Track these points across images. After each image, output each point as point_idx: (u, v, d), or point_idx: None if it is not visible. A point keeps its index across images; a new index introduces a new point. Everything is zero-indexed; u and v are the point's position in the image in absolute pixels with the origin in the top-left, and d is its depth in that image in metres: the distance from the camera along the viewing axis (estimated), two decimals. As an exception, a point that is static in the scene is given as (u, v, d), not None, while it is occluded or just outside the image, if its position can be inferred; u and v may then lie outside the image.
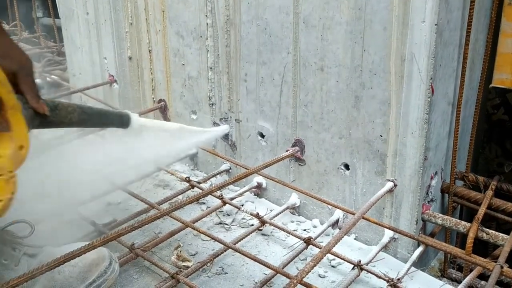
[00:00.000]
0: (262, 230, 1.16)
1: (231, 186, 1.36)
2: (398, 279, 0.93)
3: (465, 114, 1.22)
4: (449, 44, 1.01)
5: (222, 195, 1.20)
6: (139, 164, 1.24)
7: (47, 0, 2.46)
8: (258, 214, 1.14)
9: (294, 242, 1.07)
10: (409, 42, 0.95)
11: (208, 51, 1.34)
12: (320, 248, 0.99)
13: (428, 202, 1.11)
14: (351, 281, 0.94)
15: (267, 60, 1.20)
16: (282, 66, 1.18)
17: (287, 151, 1.21)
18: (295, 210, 1.26)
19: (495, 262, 0.91)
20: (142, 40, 1.53)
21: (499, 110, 1.51)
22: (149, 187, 1.38)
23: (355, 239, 1.16)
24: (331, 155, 1.15)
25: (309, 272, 0.83)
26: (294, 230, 1.16)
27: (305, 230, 1.20)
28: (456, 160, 1.15)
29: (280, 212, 1.21)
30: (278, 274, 0.95)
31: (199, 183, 1.28)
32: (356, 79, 1.05)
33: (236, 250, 1.01)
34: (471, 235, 1.01)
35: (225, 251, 1.03)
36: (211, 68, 1.35)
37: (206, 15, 1.30)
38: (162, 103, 1.54)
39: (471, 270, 0.97)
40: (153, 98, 1.57)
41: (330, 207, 1.18)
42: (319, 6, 1.06)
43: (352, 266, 0.98)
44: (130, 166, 1.21)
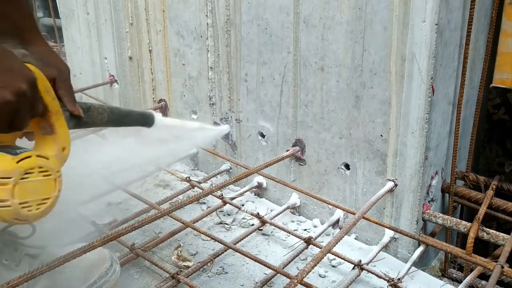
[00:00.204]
0: (262, 230, 1.16)
1: (232, 186, 1.36)
2: (399, 279, 0.93)
3: (465, 114, 1.22)
4: (449, 44, 1.01)
5: (222, 195, 1.20)
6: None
7: (48, 0, 2.46)
8: (258, 214, 1.14)
9: (295, 242, 1.07)
10: (409, 42, 0.95)
11: (208, 51, 1.34)
12: (320, 248, 0.99)
13: (429, 202, 1.11)
14: (351, 281, 0.94)
15: (268, 60, 1.20)
16: (283, 66, 1.18)
17: (287, 151, 1.21)
18: (295, 210, 1.26)
19: (496, 262, 0.91)
20: (143, 40, 1.53)
21: (499, 110, 1.51)
22: (149, 187, 1.38)
23: (355, 239, 1.16)
24: (332, 155, 1.15)
25: (309, 272, 0.83)
26: (295, 230, 1.16)
27: (305, 230, 1.20)
28: (457, 160, 1.15)
29: (280, 212, 1.21)
30: (279, 274, 0.95)
31: (200, 183, 1.28)
32: (357, 79, 1.05)
33: (236, 250, 1.01)
34: (472, 235, 1.01)
35: (225, 251, 1.03)
36: (211, 68, 1.35)
37: (207, 15, 1.30)
38: (162, 103, 1.54)
39: (472, 270, 0.97)
40: (153, 98, 1.57)
41: (331, 207, 1.18)
42: (320, 6, 1.06)
43: (352, 266, 0.98)
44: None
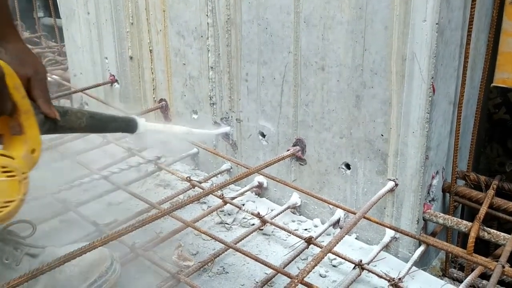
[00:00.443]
0: (263, 229, 1.16)
1: (232, 186, 1.36)
2: (399, 279, 0.93)
3: (466, 114, 1.22)
4: (450, 43, 1.01)
5: (223, 195, 1.20)
6: None
7: (48, 0, 2.46)
8: (259, 213, 1.14)
9: (295, 241, 1.07)
10: (410, 42, 0.95)
11: (209, 50, 1.34)
12: (321, 248, 0.99)
13: (429, 201, 1.11)
14: (352, 280, 0.94)
15: (268, 60, 1.20)
16: (283, 66, 1.17)
17: (288, 150, 1.21)
18: (296, 209, 1.26)
19: (497, 261, 0.91)
20: (143, 40, 1.53)
21: (500, 109, 1.51)
22: (150, 187, 1.38)
23: (356, 238, 1.16)
24: (332, 154, 1.15)
25: (310, 271, 0.83)
26: (295, 230, 1.15)
27: (306, 229, 1.19)
28: (458, 160, 1.15)
29: (281, 212, 1.21)
30: (279, 274, 0.95)
31: (200, 182, 1.28)
32: (357, 79, 1.05)
33: (237, 250, 1.01)
34: (473, 234, 1.01)
35: (226, 250, 1.03)
36: (212, 67, 1.35)
37: (207, 15, 1.30)
38: (163, 102, 1.54)
39: (473, 270, 0.97)
40: (154, 98, 1.57)
41: (331, 206, 1.18)
42: (320, 6, 1.06)
43: (353, 265, 0.98)
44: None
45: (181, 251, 1.04)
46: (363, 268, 0.97)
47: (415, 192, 1.04)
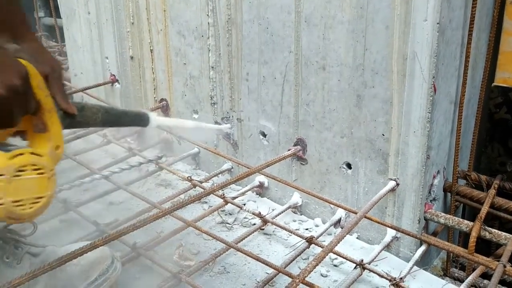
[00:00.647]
0: (264, 229, 1.16)
1: (233, 185, 1.36)
2: (401, 278, 0.93)
3: (467, 113, 1.21)
4: (451, 42, 1.01)
5: (224, 194, 1.20)
6: None
7: (49, 0, 2.46)
8: (260, 213, 1.14)
9: (296, 241, 1.07)
10: (411, 41, 0.95)
11: (209, 50, 1.34)
12: (322, 247, 0.99)
13: (431, 201, 1.11)
14: (353, 280, 0.94)
15: (269, 59, 1.20)
16: (284, 65, 1.17)
17: (289, 150, 1.21)
18: (297, 209, 1.26)
19: (498, 261, 0.91)
20: (144, 39, 1.53)
21: (501, 109, 1.51)
22: (150, 187, 1.38)
23: (357, 238, 1.16)
24: (333, 154, 1.15)
25: (311, 271, 0.83)
26: (296, 229, 1.15)
27: (307, 229, 1.19)
28: (459, 159, 1.15)
29: (282, 211, 1.21)
30: (280, 274, 0.95)
31: (201, 182, 1.28)
32: (358, 78, 1.05)
33: (238, 250, 1.01)
34: (474, 234, 1.01)
35: (227, 250, 1.03)
36: (212, 67, 1.35)
37: (208, 15, 1.30)
38: (163, 102, 1.54)
39: (474, 269, 0.97)
40: (154, 98, 1.57)
41: (332, 206, 1.18)
42: (321, 5, 1.06)
43: (354, 265, 0.98)
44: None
45: (182, 250, 1.04)
46: (364, 268, 0.97)
47: (416, 192, 1.04)
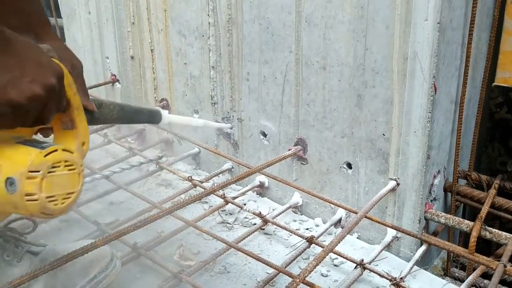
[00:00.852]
0: (264, 229, 1.16)
1: (234, 185, 1.36)
2: (401, 278, 0.93)
3: (468, 113, 1.21)
4: (451, 42, 1.01)
5: (224, 194, 1.20)
6: None
7: (49, 0, 2.46)
8: (260, 213, 1.14)
9: (297, 241, 1.07)
10: (411, 41, 0.95)
11: (210, 50, 1.34)
12: (322, 247, 0.99)
13: (431, 201, 1.11)
14: (353, 280, 0.94)
15: (269, 59, 1.20)
16: (284, 65, 1.17)
17: (289, 150, 1.21)
18: (297, 209, 1.26)
19: (498, 261, 0.91)
20: (144, 39, 1.53)
21: (502, 108, 1.51)
22: (151, 186, 1.38)
23: (357, 238, 1.16)
24: (334, 154, 1.15)
25: (311, 271, 0.83)
26: (297, 229, 1.15)
27: (307, 229, 1.19)
28: (459, 159, 1.15)
29: (282, 211, 1.21)
30: (281, 273, 0.95)
31: (202, 182, 1.28)
32: (359, 78, 1.05)
33: (238, 249, 1.01)
34: (474, 234, 1.01)
35: (227, 250, 1.03)
36: (213, 67, 1.35)
37: (208, 14, 1.30)
38: (164, 102, 1.53)
39: (474, 269, 0.97)
40: (155, 97, 1.57)
41: (333, 206, 1.18)
42: (322, 5, 1.06)
43: (354, 265, 0.98)
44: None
45: (182, 250, 1.04)
46: (364, 268, 0.97)
47: (416, 192, 1.04)
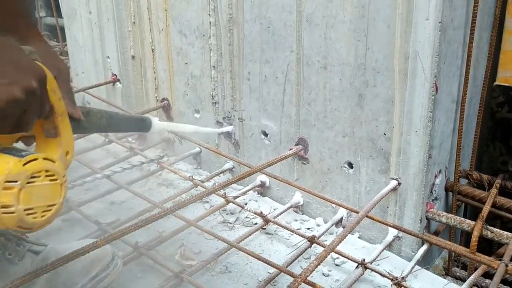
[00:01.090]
0: (265, 228, 1.16)
1: (235, 185, 1.36)
2: (402, 278, 0.93)
3: (469, 112, 1.21)
4: (453, 42, 1.01)
5: (225, 194, 1.20)
6: None
7: (50, 0, 2.46)
8: (261, 212, 1.14)
9: (298, 240, 1.07)
10: (412, 40, 0.95)
11: (211, 50, 1.34)
12: (324, 247, 0.99)
13: (432, 200, 1.11)
14: (355, 279, 0.94)
15: (270, 59, 1.20)
16: (285, 65, 1.17)
17: (290, 149, 1.21)
18: (298, 208, 1.26)
19: (500, 260, 0.91)
20: (145, 39, 1.53)
21: (503, 108, 1.51)
22: (152, 186, 1.38)
23: (359, 237, 1.16)
24: (335, 153, 1.14)
25: (313, 271, 0.83)
26: (298, 229, 1.15)
27: (308, 228, 1.19)
28: (460, 158, 1.14)
29: (283, 211, 1.21)
30: (282, 273, 0.95)
31: (203, 182, 1.28)
32: (360, 77, 1.05)
33: (239, 249, 1.01)
34: (476, 233, 1.01)
35: (228, 249, 1.03)
36: (214, 67, 1.35)
37: (209, 14, 1.30)
38: (165, 102, 1.54)
39: (476, 269, 0.97)
40: (156, 97, 1.57)
41: (334, 205, 1.17)
42: (322, 5, 1.06)
43: (356, 264, 0.98)
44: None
45: (183, 250, 1.04)
46: (366, 267, 0.96)
47: (418, 191, 1.04)
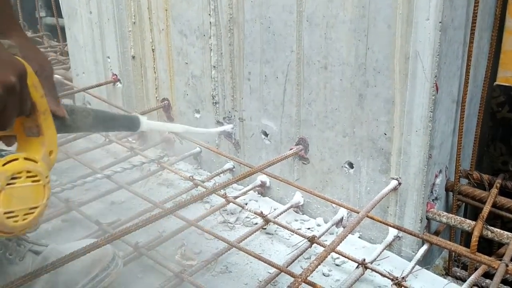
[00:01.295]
0: (266, 228, 1.16)
1: (235, 185, 1.36)
2: (403, 278, 0.93)
3: (469, 112, 1.21)
4: (453, 42, 1.01)
5: (226, 194, 1.20)
6: None
7: (50, 0, 2.47)
8: (262, 212, 1.14)
9: (298, 240, 1.07)
10: (413, 40, 0.95)
11: (211, 50, 1.34)
12: (324, 247, 0.99)
13: (433, 200, 1.11)
14: (355, 279, 0.94)
15: (271, 59, 1.20)
16: (286, 65, 1.17)
17: (290, 149, 1.21)
18: (299, 208, 1.26)
19: (500, 260, 0.91)
20: (145, 39, 1.53)
21: (503, 108, 1.50)
22: (152, 186, 1.38)
23: (359, 237, 1.16)
24: (335, 153, 1.14)
25: (313, 271, 0.83)
26: (298, 229, 1.16)
27: (309, 228, 1.19)
28: (461, 158, 1.14)
29: (284, 211, 1.21)
30: (282, 273, 0.95)
31: (203, 182, 1.28)
32: (360, 77, 1.05)
33: (240, 249, 1.01)
34: (476, 233, 1.01)
35: (229, 249, 1.03)
36: (214, 67, 1.35)
37: (209, 14, 1.30)
38: (165, 102, 1.54)
39: (476, 269, 0.97)
40: (156, 97, 1.57)
41: (334, 205, 1.17)
42: (323, 4, 1.06)
43: (356, 264, 0.98)
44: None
45: (184, 250, 1.04)
46: (366, 267, 0.96)
47: (418, 191, 1.04)
